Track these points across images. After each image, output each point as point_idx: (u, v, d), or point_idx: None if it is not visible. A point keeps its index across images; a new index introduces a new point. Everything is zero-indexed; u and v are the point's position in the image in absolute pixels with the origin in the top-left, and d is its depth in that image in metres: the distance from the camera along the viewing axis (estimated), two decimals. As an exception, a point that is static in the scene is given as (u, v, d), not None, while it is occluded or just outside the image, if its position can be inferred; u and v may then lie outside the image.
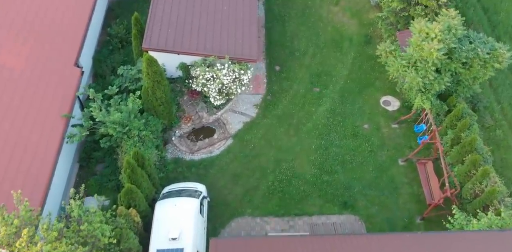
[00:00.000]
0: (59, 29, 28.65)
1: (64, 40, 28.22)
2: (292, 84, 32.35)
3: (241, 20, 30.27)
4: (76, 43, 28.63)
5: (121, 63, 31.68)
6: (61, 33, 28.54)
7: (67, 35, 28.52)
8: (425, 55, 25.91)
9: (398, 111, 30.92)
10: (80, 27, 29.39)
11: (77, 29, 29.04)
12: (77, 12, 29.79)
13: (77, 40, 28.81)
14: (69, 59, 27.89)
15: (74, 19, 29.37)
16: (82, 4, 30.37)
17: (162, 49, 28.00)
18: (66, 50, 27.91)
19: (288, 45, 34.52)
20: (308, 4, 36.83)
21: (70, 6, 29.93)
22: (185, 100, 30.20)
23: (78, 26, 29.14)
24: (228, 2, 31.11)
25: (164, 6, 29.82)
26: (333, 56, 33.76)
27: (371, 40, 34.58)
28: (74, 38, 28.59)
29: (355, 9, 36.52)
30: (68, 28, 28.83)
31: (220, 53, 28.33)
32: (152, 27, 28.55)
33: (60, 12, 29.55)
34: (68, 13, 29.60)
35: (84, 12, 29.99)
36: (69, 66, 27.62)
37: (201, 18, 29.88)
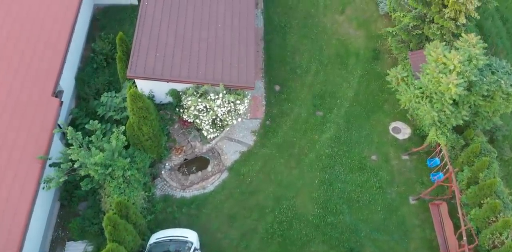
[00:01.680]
0: (34, 51, 25.68)
1: (40, 64, 25.35)
2: (293, 107, 29.59)
3: (237, 41, 27.33)
4: (55, 68, 25.85)
5: (106, 84, 28.98)
6: (37, 55, 25.65)
7: (44, 58, 25.65)
8: (442, 89, 23.06)
9: (409, 139, 28.24)
10: (60, 48, 26.57)
11: (56, 50, 26.21)
12: (56, 28, 26.94)
13: (56, 63, 26.00)
14: (46, 88, 25.12)
15: (52, 38, 26.43)
16: (63, 17, 27.49)
17: (149, 77, 25.12)
18: (43, 76, 25.13)
19: (289, 61, 31.63)
20: (311, 13, 33.73)
21: (48, 20, 27.04)
22: (176, 129, 27.49)
23: (57, 46, 26.32)
24: (223, 19, 28.12)
25: (151, 27, 26.85)
26: (338, 74, 30.90)
27: (380, 55, 31.68)
28: (52, 62, 25.80)
29: (362, 19, 33.45)
30: (45, 49, 25.93)
31: (214, 81, 25.53)
32: (137, 51, 25.66)
33: (37, 28, 26.52)
34: (45, 30, 26.69)
35: (64, 28, 27.14)
36: (46, 96, 24.82)
37: (193, 39, 26.97)
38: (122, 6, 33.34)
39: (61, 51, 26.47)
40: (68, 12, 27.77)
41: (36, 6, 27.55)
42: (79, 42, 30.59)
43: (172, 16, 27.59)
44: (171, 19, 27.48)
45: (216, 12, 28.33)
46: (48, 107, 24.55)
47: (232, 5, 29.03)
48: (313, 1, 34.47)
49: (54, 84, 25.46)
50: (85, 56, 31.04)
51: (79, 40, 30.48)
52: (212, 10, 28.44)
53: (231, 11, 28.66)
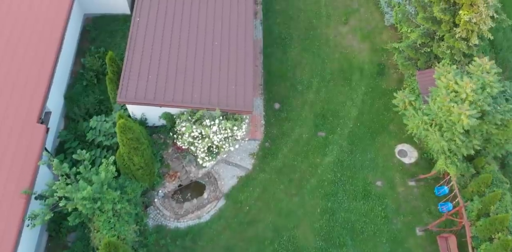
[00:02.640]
0: (19, 70, 24.12)
1: (24, 86, 23.79)
2: (293, 127, 28.04)
3: (235, 60, 25.77)
4: (40, 90, 24.28)
5: (97, 104, 27.45)
6: (21, 76, 24.18)
7: (29, 79, 24.07)
8: (453, 119, 21.51)
9: (416, 164, 26.76)
10: (47, 66, 25.00)
11: (43, 69, 24.64)
12: (42, 45, 25.27)
13: (42, 85, 24.44)
14: (31, 114, 23.53)
15: (38, 54, 24.83)
16: (50, 30, 25.95)
17: (140, 102, 23.56)
18: (27, 101, 23.58)
19: (289, 76, 30.03)
20: (313, 23, 32.07)
21: (33, 36, 25.34)
22: (170, 153, 26.00)
23: (43, 64, 24.74)
24: (219, 36, 26.43)
25: (143, 45, 25.23)
26: (341, 91, 29.31)
27: (385, 71, 30.08)
28: (37, 83, 24.22)
29: (366, 30, 31.75)
30: (31, 69, 24.32)
31: (210, 105, 24.00)
32: (128, 74, 24.08)
33: (21, 45, 24.89)
34: (31, 45, 25.13)
35: (51, 43, 25.55)
36: (31, 123, 23.27)
37: (188, 58, 25.39)
38: (114, 16, 31.71)
39: (48, 70, 24.90)
40: (56, 24, 26.22)
41: (22, 17, 25.92)
42: (68, 57, 29.02)
43: (165, 33, 25.94)
44: (164, 37, 25.83)
45: (212, 29, 26.75)
46: (33, 135, 23.02)
47: (229, 21, 27.34)
48: (315, 10, 32.73)
49: (40, 109, 23.90)
50: (74, 71, 29.48)
51: (68, 55, 28.92)
52: (208, 26, 26.84)
53: (228, 27, 27.03)
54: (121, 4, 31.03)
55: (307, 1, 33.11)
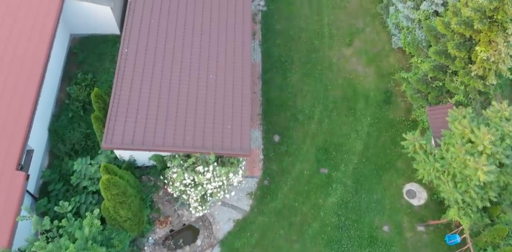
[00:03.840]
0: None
1: (1, 126, 21.79)
2: (294, 162, 26.16)
3: (231, 96, 23.87)
4: (20, 130, 22.33)
5: (83, 139, 25.55)
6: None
7: (7, 116, 22.32)
8: (468, 173, 19.60)
9: (425, 206, 24.94)
10: (28, 100, 23.10)
11: (23, 103, 22.71)
12: (23, 73, 23.47)
13: (22, 123, 22.49)
14: (9, 159, 21.60)
15: (18, 86, 23.08)
16: (33, 53, 23.95)
17: (128, 148, 21.60)
18: (5, 143, 21.61)
19: (290, 104, 28.03)
20: (315, 45, 29.95)
21: (13, 63, 23.65)
22: (160, 196, 24.12)
23: (24, 98, 22.85)
24: (214, 68, 24.39)
25: (131, 82, 23.26)
26: (345, 121, 27.35)
27: (392, 99, 28.11)
28: (17, 121, 22.31)
29: (372, 53, 29.65)
30: (9, 104, 22.51)
31: (203, 149, 22.08)
32: (115, 116, 22.12)
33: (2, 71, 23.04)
34: (10, 75, 23.35)
35: (33, 72, 23.69)
36: (9, 170, 21.32)
37: (180, 95, 23.46)
38: (102, 37, 29.62)
39: (30, 104, 22.98)
40: (39, 47, 24.30)
41: (1, 39, 23.87)
42: (53, 84, 27.08)
43: (156, 67, 23.97)
44: (155, 71, 23.86)
45: (207, 58, 24.69)
46: (11, 185, 21.15)
47: (225, 48, 25.31)
48: (317, 30, 30.59)
49: (19, 153, 21.97)
50: (60, 98, 27.46)
51: (53, 81, 26.98)
52: (203, 55, 24.87)
53: (224, 56, 25.03)
54: (110, 24, 28.94)
55: (308, 20, 30.93)
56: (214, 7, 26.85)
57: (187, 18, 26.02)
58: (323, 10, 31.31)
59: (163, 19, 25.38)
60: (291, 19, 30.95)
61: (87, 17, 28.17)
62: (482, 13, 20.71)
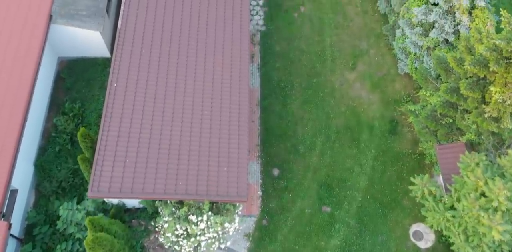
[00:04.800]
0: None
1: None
2: (295, 199, 24.73)
3: (227, 134, 22.40)
4: (2, 173, 20.88)
5: (71, 176, 24.06)
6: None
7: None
8: (482, 230, 18.13)
9: (433, 249, 23.64)
10: (11, 138, 21.61)
11: (6, 141, 21.14)
12: (7, 103, 22.07)
13: (4, 167, 21.00)
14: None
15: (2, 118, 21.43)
16: (17, 84, 22.56)
17: (116, 196, 20.14)
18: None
19: (290, 134, 26.51)
20: (317, 69, 28.32)
21: None
22: (152, 241, 22.72)
23: (6, 134, 21.42)
24: (210, 103, 22.76)
25: (120, 122, 21.79)
26: (348, 154, 25.85)
27: (398, 129, 26.60)
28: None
29: (376, 77, 28.03)
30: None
31: (197, 196, 20.77)
32: (102, 161, 20.58)
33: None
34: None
35: (17, 103, 22.23)
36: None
37: (173, 135, 21.91)
38: (92, 60, 28.03)
39: (12, 142, 21.43)
40: (24, 73, 22.84)
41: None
42: (39, 113, 25.68)
43: (147, 105, 22.38)
44: (145, 110, 22.30)
45: (202, 91, 23.19)
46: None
47: (221, 79, 23.71)
48: (318, 52, 28.94)
49: (0, 200, 20.41)
50: (47, 129, 25.92)
51: (39, 110, 25.59)
52: (197, 91, 23.25)
53: (220, 92, 23.36)
54: (99, 47, 27.30)
55: (309, 41, 29.26)
56: (210, 31, 25.09)
57: (181, 46, 24.41)
58: (325, 30, 29.58)
59: (155, 49, 23.79)
60: (291, 40, 29.27)
61: (75, 41, 26.60)
62: (499, 53, 19.07)
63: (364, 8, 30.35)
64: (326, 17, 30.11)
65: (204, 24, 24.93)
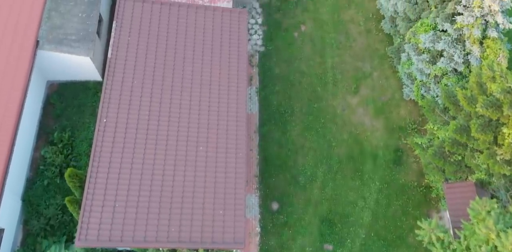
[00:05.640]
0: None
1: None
2: (295, 236, 23.67)
3: (223, 173, 21.25)
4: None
5: (60, 213, 22.93)
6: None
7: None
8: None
9: (440, 292, 22.16)
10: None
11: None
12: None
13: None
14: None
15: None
16: (2, 114, 21.50)
17: (105, 245, 19.02)
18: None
19: (290, 164, 25.32)
20: (318, 92, 27.04)
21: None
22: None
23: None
24: (205, 139, 21.54)
25: (109, 163, 20.52)
26: (351, 186, 24.73)
27: (403, 159, 25.47)
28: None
29: (380, 102, 26.78)
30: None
31: (191, 243, 19.91)
32: (90, 206, 19.42)
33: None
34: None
35: (2, 140, 21.05)
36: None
37: (165, 177, 20.79)
38: (83, 84, 26.74)
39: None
40: (11, 100, 21.89)
41: None
42: (27, 142, 24.54)
43: (138, 140, 21.38)
44: (136, 148, 21.07)
45: (197, 130, 21.84)
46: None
47: (218, 109, 22.43)
48: (320, 74, 27.65)
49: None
50: (35, 159, 24.68)
51: (27, 139, 24.46)
52: (191, 125, 22.05)
53: (217, 121, 22.18)
54: (90, 72, 25.97)
55: (310, 62, 27.92)
56: (205, 57, 23.80)
57: (175, 75, 23.10)
58: (326, 50, 28.21)
59: (147, 80, 22.55)
60: (291, 61, 27.93)
61: (64, 66, 25.38)
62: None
63: (367, 27, 28.92)
64: (328, 37, 28.67)
65: (200, 50, 23.66)
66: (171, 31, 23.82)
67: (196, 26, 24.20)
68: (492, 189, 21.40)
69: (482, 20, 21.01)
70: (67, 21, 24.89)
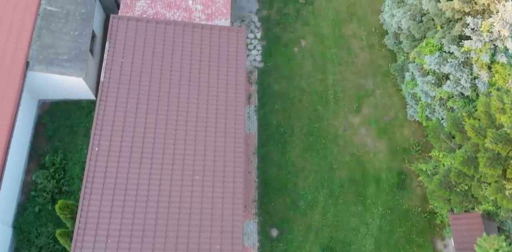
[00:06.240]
0: None
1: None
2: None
3: (220, 204, 20.56)
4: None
5: (51, 242, 22.12)
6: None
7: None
8: None
9: None
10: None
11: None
12: None
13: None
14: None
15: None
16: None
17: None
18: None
19: (289, 188, 24.55)
20: (318, 111, 26.20)
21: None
22: None
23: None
24: (201, 167, 20.85)
25: (101, 194, 19.85)
26: (353, 211, 23.97)
27: (406, 182, 24.66)
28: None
29: (383, 123, 25.90)
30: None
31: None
32: (81, 242, 18.68)
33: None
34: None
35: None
36: None
37: (159, 209, 20.11)
38: (75, 103, 25.89)
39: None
40: (1, 120, 21.26)
41: None
42: (18, 165, 23.81)
43: (131, 169, 20.61)
44: (130, 179, 20.20)
45: (193, 158, 21.08)
46: None
47: (214, 141, 21.55)
48: (320, 92, 26.76)
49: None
50: (27, 183, 23.91)
51: (18, 162, 23.75)
52: (187, 153, 21.20)
53: (214, 149, 21.39)
54: (83, 91, 25.06)
55: (311, 79, 27.02)
56: (203, 79, 22.89)
57: (171, 99, 22.22)
58: (327, 66, 27.29)
59: (141, 104, 21.73)
60: (291, 78, 27.03)
61: (56, 86, 24.52)
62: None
63: (370, 42, 27.97)
64: (329, 52, 27.73)
65: (196, 70, 22.82)
66: (167, 51, 22.88)
67: (192, 46, 23.26)
68: (500, 220, 20.56)
69: (491, 45, 20.03)
70: (59, 40, 23.94)
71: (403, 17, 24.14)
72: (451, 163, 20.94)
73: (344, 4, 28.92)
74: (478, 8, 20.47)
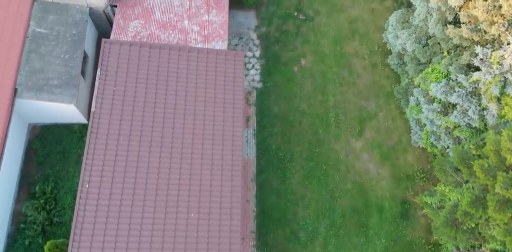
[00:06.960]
0: None
1: None
2: (295, 301, 21.90)
3: (216, 239, 19.39)
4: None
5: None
6: None
7: None
8: None
9: None
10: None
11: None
12: None
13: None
14: None
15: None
16: None
17: None
18: None
19: (289, 217, 23.70)
20: (319, 135, 25.21)
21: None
22: None
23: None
24: (197, 203, 20.01)
25: (92, 234, 18.64)
26: (355, 244, 23.14)
27: (410, 212, 23.83)
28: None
29: (386, 147, 24.96)
30: None
31: None
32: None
33: None
34: None
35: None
36: None
37: (153, 243, 19.10)
38: (67, 127, 24.94)
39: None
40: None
41: None
42: (8, 194, 23.05)
43: (123, 207, 19.75)
44: (121, 215, 19.51)
45: (187, 194, 20.15)
46: None
47: (211, 174, 20.66)
48: (321, 114, 25.80)
49: None
50: (17, 212, 23.07)
51: (8, 191, 23.01)
52: (182, 189, 20.35)
53: (210, 190, 20.39)
54: (74, 116, 24.07)
55: (311, 100, 26.02)
56: (199, 106, 21.92)
57: (165, 129, 21.24)
58: (328, 87, 26.27)
59: (134, 134, 20.84)
60: (290, 99, 26.01)
61: (47, 111, 23.53)
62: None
63: (372, 61, 26.92)
64: (330, 72, 26.69)
65: (192, 97, 21.86)
66: (161, 77, 21.91)
67: (188, 71, 22.27)
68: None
69: (501, 77, 19.00)
70: (48, 64, 22.93)
71: (407, 39, 23.10)
72: (457, 198, 20.02)
73: (345, 20, 27.82)
74: (487, 37, 19.40)
